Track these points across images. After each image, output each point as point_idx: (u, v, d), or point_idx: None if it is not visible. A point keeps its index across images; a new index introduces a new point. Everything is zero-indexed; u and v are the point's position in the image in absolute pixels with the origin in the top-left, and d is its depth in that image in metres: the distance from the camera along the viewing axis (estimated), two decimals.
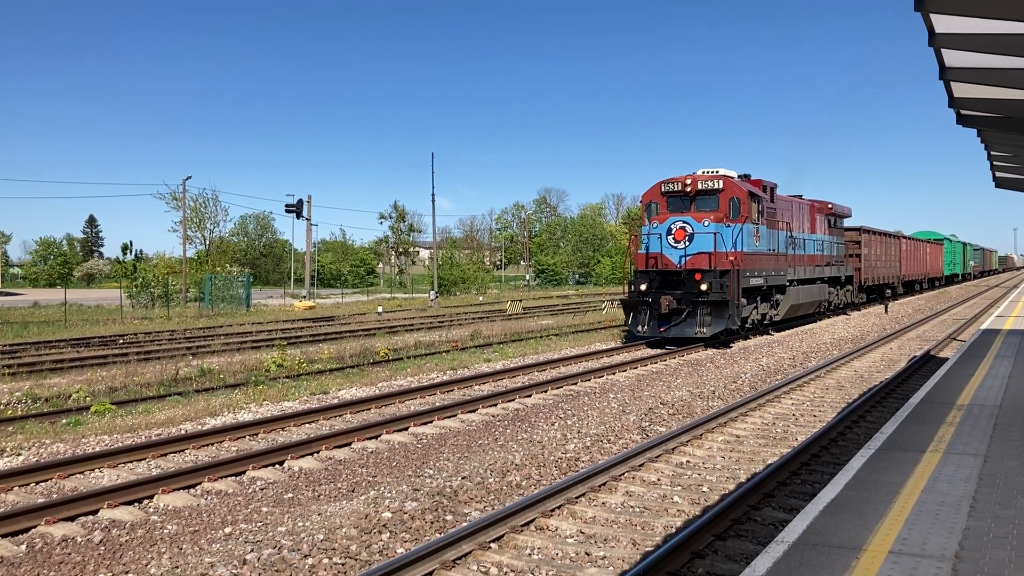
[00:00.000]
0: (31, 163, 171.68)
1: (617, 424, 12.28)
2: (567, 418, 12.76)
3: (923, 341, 24.82)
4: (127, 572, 6.59)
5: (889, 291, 45.58)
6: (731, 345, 23.38)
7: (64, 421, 12.85)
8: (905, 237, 50.43)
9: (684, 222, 22.78)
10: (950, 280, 73.16)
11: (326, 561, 6.74)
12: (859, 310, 38.71)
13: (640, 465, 9.74)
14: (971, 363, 14.16)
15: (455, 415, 13.05)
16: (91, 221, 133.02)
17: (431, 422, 12.50)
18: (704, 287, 21.74)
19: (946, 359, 16.43)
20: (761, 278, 24.39)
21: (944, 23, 7.76)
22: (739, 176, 25.03)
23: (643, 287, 22.67)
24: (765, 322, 26.30)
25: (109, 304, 47.70)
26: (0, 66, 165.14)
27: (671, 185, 23.80)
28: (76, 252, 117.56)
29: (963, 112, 11.47)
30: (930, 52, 8.60)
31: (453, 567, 6.57)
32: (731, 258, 22.27)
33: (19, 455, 10.65)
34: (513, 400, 14.36)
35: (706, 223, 22.42)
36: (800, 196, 31.46)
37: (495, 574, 6.56)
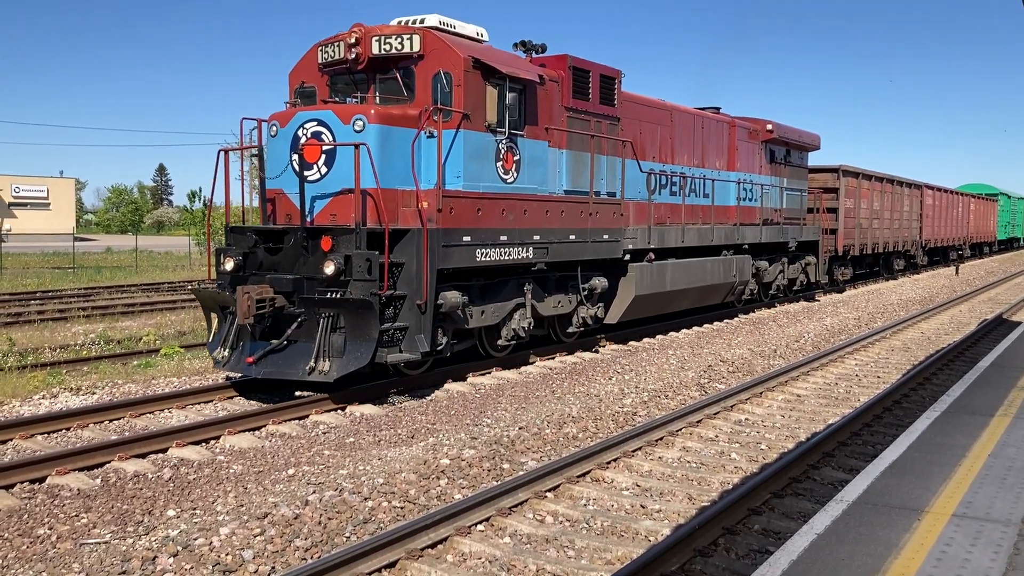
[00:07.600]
0: (105, 111, 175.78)
1: (675, 380, 12.22)
2: (624, 373, 12.73)
3: (995, 304, 24.07)
4: (194, 508, 6.83)
5: (901, 261, 34.02)
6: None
7: (135, 363, 13.29)
8: (930, 187, 37.12)
9: (320, 122, 10.72)
10: (1007, 246, 60.44)
11: (385, 504, 6.88)
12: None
13: (698, 421, 9.70)
14: None
15: (513, 367, 13.12)
16: (161, 170, 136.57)
17: (489, 373, 12.58)
18: (330, 269, 10.05)
19: (1019, 323, 15.90)
20: (520, 247, 12.23)
21: None
22: (521, 47, 13.33)
23: (230, 265, 10.96)
24: (578, 329, 14.60)
25: (178, 251, 48.90)
26: (78, 20, 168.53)
27: (331, 49, 11.76)
28: (147, 200, 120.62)
29: None
30: None
31: (509, 514, 6.66)
32: (424, 203, 10.68)
33: (94, 394, 11.06)
34: (571, 354, 14.36)
35: (358, 123, 10.49)
36: (717, 109, 19.63)
37: (550, 523, 6.63)
